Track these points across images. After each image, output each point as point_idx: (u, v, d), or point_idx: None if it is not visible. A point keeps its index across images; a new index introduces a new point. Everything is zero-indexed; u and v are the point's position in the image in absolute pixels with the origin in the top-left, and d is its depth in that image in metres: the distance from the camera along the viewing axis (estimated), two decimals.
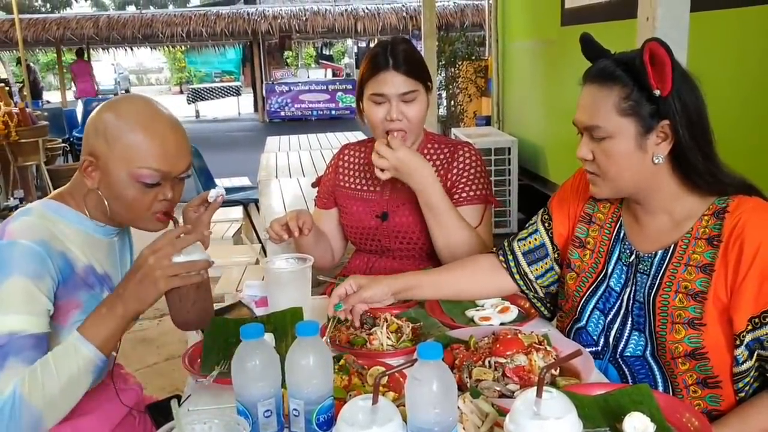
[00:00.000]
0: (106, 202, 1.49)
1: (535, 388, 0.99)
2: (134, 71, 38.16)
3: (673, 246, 1.48)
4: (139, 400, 1.75)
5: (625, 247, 1.57)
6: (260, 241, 4.50)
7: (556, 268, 1.75)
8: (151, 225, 1.53)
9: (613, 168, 1.45)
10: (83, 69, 15.30)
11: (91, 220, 1.53)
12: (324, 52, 28.95)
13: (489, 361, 1.42)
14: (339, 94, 17.26)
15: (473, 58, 8.35)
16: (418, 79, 2.00)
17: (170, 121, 1.50)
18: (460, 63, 8.29)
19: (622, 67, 1.41)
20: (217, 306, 1.92)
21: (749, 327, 1.37)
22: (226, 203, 5.24)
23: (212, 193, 1.67)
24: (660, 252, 1.50)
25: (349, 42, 27.16)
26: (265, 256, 2.97)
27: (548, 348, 1.47)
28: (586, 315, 1.61)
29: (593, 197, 1.65)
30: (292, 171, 4.29)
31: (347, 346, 1.60)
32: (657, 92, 1.37)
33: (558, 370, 1.42)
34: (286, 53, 22.62)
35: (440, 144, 2.17)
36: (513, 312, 1.76)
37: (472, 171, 2.10)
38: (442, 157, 2.14)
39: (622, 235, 1.59)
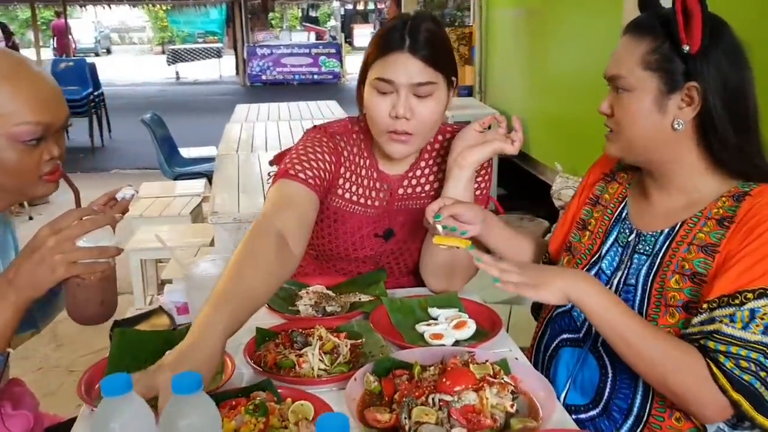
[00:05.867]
0: None
1: None
2: (116, 29, 37.36)
3: (680, 224, 1.36)
4: (31, 425, 1.51)
5: (625, 226, 1.47)
6: None
7: None
8: (41, 190, 1.35)
9: (628, 125, 1.35)
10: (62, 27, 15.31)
11: None
12: (310, 14, 28.47)
13: (433, 399, 1.20)
14: (322, 58, 16.94)
15: (456, 24, 8.05)
16: (440, 69, 1.58)
17: (36, 69, 1.31)
18: None
19: (660, 20, 1.31)
20: (135, 313, 1.70)
21: (713, 305, 1.22)
22: (187, 176, 5.00)
23: (121, 193, 1.47)
24: (666, 230, 1.38)
25: (336, 4, 26.71)
26: None
27: (504, 380, 1.25)
28: None
29: (603, 181, 1.57)
30: (255, 145, 4.01)
31: (272, 370, 1.37)
32: (686, 48, 1.26)
33: (514, 407, 1.21)
34: (270, 15, 22.17)
35: (443, 134, 1.78)
36: (470, 328, 1.54)
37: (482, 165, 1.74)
38: (447, 149, 1.73)
39: (624, 214, 1.49)
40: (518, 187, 5.95)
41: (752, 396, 1.18)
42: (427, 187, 1.78)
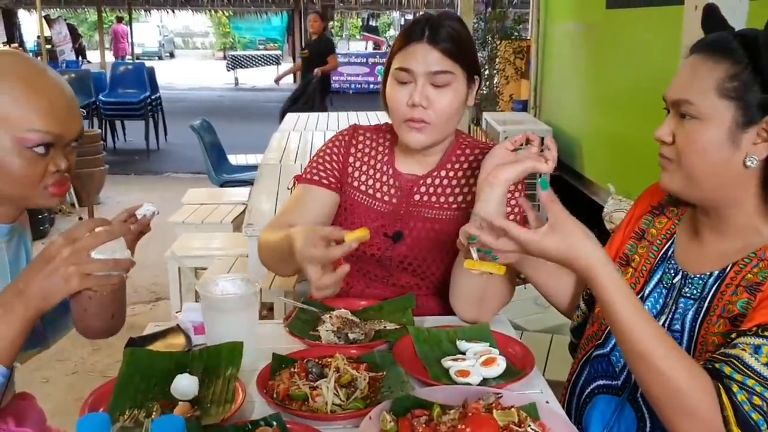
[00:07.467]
0: None
1: None
2: (180, 34, 38.22)
3: (731, 266, 1.24)
4: None
5: (670, 266, 1.35)
6: None
7: (583, 306, 1.56)
8: (43, 201, 1.31)
9: (693, 157, 1.21)
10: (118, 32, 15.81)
11: None
12: (370, 24, 28.58)
13: None
14: (378, 68, 16.96)
15: (513, 37, 7.92)
16: (458, 61, 1.62)
17: (56, 77, 1.29)
18: (498, 42, 7.85)
19: (741, 41, 1.18)
20: (153, 330, 1.64)
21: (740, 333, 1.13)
22: (235, 183, 4.98)
23: (141, 210, 1.42)
24: (716, 272, 1.26)
25: (396, 14, 26.75)
26: None
27: (531, 428, 1.14)
28: (612, 342, 1.37)
29: (651, 214, 1.44)
30: (299, 155, 3.95)
31: (284, 402, 1.29)
32: None
33: None
34: (330, 23, 22.33)
35: (472, 149, 1.77)
36: (500, 366, 1.42)
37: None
38: (475, 164, 1.72)
39: (670, 253, 1.37)
40: (571, 206, 5.75)
41: None
42: (442, 199, 1.73)
